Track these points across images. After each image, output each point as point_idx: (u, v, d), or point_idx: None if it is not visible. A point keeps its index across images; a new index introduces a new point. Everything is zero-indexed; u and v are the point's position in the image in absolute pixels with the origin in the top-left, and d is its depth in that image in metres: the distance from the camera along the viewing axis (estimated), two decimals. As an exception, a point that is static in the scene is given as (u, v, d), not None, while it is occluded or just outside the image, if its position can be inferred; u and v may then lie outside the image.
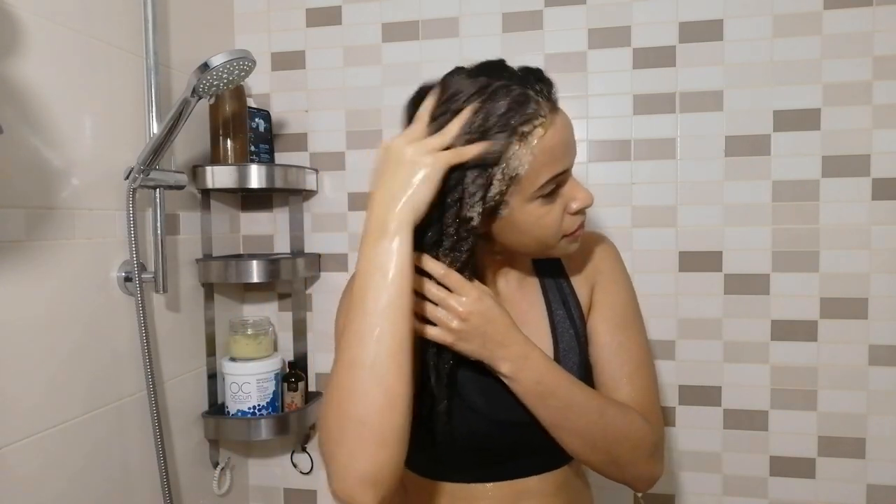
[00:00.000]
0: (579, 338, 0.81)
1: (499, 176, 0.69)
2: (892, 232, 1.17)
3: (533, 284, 0.84)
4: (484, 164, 0.68)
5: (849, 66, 1.17)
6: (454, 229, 0.70)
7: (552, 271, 0.85)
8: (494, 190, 0.69)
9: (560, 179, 0.71)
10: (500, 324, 0.71)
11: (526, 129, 0.68)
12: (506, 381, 0.73)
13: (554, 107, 0.72)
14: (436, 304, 0.71)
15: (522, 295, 0.83)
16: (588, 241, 0.86)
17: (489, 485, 0.78)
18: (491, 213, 0.71)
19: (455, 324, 0.70)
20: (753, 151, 1.21)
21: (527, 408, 0.73)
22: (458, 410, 0.76)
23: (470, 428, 0.76)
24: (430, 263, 0.70)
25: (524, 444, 0.77)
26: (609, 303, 0.83)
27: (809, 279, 1.20)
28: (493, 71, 0.71)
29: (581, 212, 0.75)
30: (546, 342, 0.80)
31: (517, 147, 0.68)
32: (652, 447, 0.75)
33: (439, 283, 0.71)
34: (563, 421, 0.73)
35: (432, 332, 0.71)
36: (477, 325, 0.70)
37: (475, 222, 0.69)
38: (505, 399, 0.74)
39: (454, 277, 0.70)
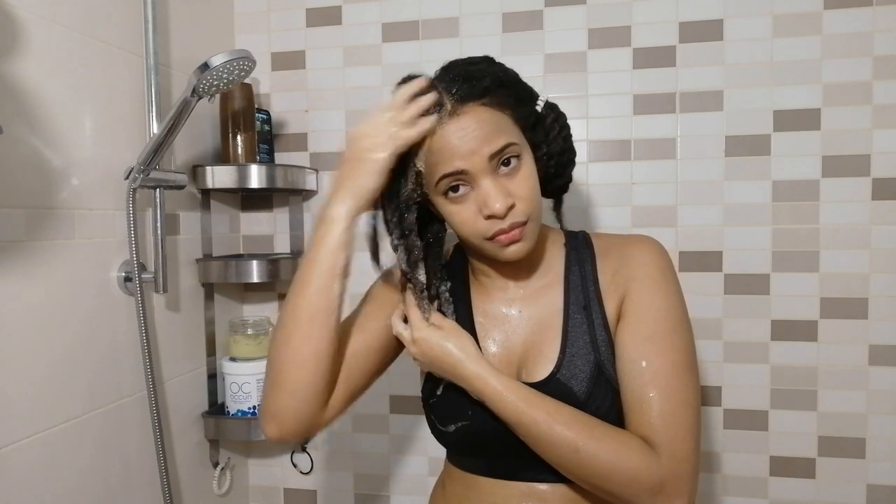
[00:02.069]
0: (597, 345, 0.76)
1: (411, 166, 0.75)
2: (892, 232, 1.17)
3: (556, 284, 0.81)
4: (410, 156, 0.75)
5: (849, 66, 1.17)
6: (397, 214, 0.77)
7: (582, 272, 0.81)
8: (411, 180, 0.76)
9: (458, 179, 0.72)
10: (447, 362, 0.76)
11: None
12: None
13: (458, 105, 0.72)
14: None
15: (542, 293, 0.82)
16: (628, 245, 0.80)
17: (496, 481, 0.78)
18: (424, 201, 0.78)
19: (412, 349, 0.79)
20: (753, 151, 1.21)
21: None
22: (453, 401, 0.79)
23: (459, 419, 0.79)
24: (414, 288, 0.79)
25: (517, 446, 0.75)
26: (638, 313, 0.75)
27: (809, 279, 1.20)
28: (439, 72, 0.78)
29: (495, 217, 0.71)
30: (552, 346, 0.77)
31: (423, 143, 0.74)
32: (656, 484, 0.68)
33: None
34: (537, 450, 0.72)
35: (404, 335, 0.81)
36: (426, 353, 0.78)
37: (408, 201, 0.76)
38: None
39: (413, 311, 0.79)
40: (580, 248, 0.83)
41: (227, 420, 1.28)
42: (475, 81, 0.73)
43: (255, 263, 1.25)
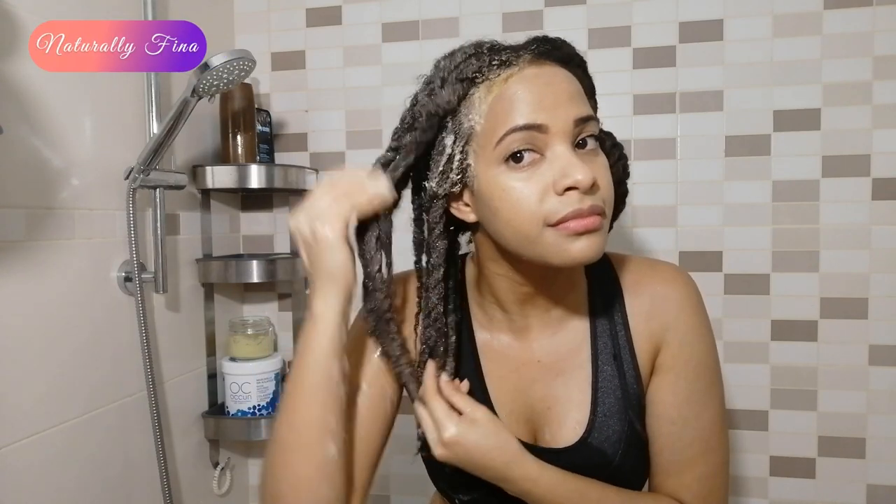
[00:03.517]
0: (629, 400, 0.68)
1: (454, 128, 0.62)
2: (892, 232, 1.17)
3: (580, 328, 0.71)
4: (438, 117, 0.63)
5: (849, 66, 1.17)
6: (419, 213, 0.69)
7: (609, 314, 0.71)
8: (450, 149, 0.62)
9: (530, 140, 0.59)
10: (488, 467, 0.64)
11: (478, 75, 0.61)
12: None
13: (537, 59, 0.61)
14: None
15: (563, 340, 0.71)
16: (660, 282, 0.70)
17: None
18: (460, 183, 0.63)
19: (439, 451, 0.65)
20: (753, 151, 1.21)
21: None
22: (463, 478, 0.71)
23: (472, 492, 0.73)
24: (430, 370, 0.69)
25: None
26: (677, 369, 0.68)
27: (809, 279, 1.20)
28: None
29: (572, 191, 0.58)
30: (580, 403, 0.69)
31: (472, 95, 0.61)
32: None
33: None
34: None
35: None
36: (461, 456, 0.64)
37: (440, 192, 0.64)
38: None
39: (457, 397, 0.67)
40: (604, 278, 0.72)
41: (227, 420, 1.28)
42: (560, 43, 0.63)
43: (255, 263, 1.25)
